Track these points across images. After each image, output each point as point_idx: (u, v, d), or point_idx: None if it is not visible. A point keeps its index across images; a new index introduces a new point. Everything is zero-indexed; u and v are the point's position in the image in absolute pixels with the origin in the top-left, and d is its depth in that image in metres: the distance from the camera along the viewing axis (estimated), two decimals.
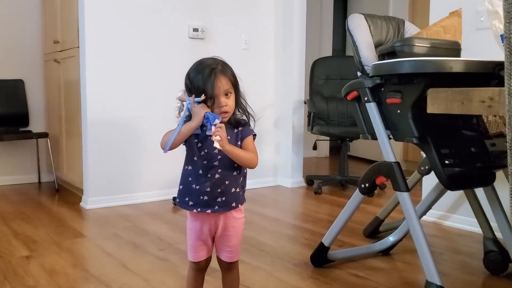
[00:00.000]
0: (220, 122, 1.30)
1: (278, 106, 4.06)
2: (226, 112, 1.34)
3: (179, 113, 1.37)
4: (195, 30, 3.53)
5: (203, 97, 1.31)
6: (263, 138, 3.93)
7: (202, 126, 1.34)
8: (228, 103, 1.34)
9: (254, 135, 1.42)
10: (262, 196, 3.64)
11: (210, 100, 1.32)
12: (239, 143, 1.38)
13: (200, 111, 1.31)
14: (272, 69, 4.03)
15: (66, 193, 3.70)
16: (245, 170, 1.43)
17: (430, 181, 2.53)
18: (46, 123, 4.14)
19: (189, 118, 1.35)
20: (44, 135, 3.87)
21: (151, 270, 2.08)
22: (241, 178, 1.42)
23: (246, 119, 1.42)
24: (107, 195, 3.24)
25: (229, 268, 1.49)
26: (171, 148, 1.34)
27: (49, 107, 4.07)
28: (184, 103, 1.36)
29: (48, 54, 3.95)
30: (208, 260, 1.48)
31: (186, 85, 1.37)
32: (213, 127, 1.28)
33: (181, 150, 1.42)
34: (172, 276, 2.01)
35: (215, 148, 1.29)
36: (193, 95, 1.33)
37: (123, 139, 3.30)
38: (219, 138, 1.27)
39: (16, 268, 2.08)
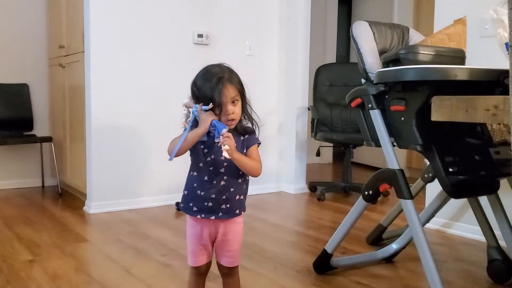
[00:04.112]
0: (227, 131, 1.30)
1: (282, 112, 4.07)
2: (232, 120, 1.35)
3: (186, 120, 1.37)
4: (200, 36, 3.54)
5: (210, 105, 1.31)
6: (266, 144, 3.93)
7: (209, 133, 1.34)
8: (235, 110, 1.34)
9: (259, 144, 1.42)
10: (265, 202, 3.64)
11: (217, 108, 1.32)
12: (245, 150, 1.39)
13: (207, 119, 1.31)
14: (276, 75, 4.04)
15: (69, 197, 3.71)
16: (248, 178, 1.44)
17: (434, 189, 2.52)
18: (50, 128, 4.15)
19: (195, 124, 1.35)
20: (48, 139, 3.88)
21: (154, 275, 2.08)
22: (245, 186, 1.43)
23: (252, 126, 1.43)
24: (111, 200, 3.25)
25: (229, 274, 1.49)
26: (177, 155, 1.34)
27: (53, 112, 4.09)
28: (190, 109, 1.36)
29: (53, 59, 3.97)
30: (208, 265, 1.48)
31: (193, 93, 1.37)
32: (221, 137, 1.28)
33: (185, 155, 1.42)
34: (175, 282, 2.01)
35: (223, 155, 1.29)
36: (201, 103, 1.33)
37: (126, 144, 3.30)
38: (228, 147, 1.27)
39: (19, 272, 2.08)
